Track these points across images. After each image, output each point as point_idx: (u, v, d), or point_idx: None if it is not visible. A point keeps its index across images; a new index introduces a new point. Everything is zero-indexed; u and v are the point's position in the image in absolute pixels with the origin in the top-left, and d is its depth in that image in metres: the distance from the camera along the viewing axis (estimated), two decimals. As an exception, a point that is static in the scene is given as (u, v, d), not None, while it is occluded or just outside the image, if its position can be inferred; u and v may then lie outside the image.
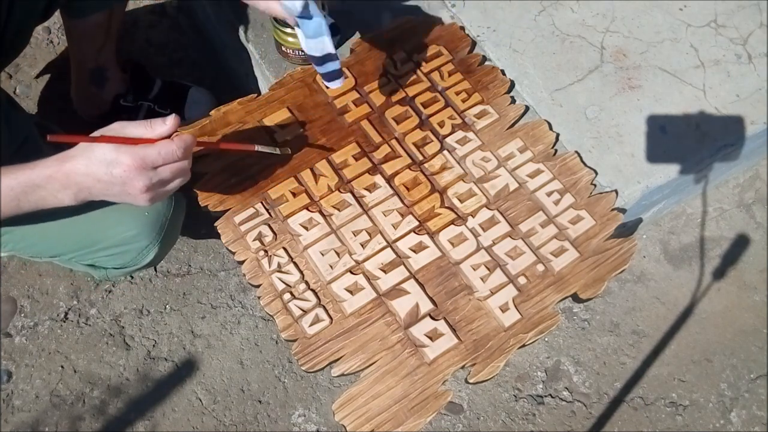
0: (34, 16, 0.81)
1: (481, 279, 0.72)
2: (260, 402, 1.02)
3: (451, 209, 0.76)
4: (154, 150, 0.56)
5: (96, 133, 0.58)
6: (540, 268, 0.73)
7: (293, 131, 0.80)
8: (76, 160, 0.56)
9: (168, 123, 0.57)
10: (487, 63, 0.88)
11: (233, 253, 0.74)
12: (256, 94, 0.83)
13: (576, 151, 0.82)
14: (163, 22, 1.29)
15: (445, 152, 0.80)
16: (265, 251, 0.73)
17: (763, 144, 1.04)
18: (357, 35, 0.88)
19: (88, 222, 0.75)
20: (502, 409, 1.04)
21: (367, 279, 0.71)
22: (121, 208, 0.75)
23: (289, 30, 0.80)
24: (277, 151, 0.71)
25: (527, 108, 0.85)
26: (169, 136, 0.58)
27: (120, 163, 0.55)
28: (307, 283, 0.72)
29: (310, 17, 0.66)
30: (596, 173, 0.80)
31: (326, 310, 0.70)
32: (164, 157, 0.57)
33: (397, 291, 0.71)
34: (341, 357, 0.68)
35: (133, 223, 0.76)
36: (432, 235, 0.75)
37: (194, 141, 0.60)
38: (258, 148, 0.68)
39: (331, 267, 0.72)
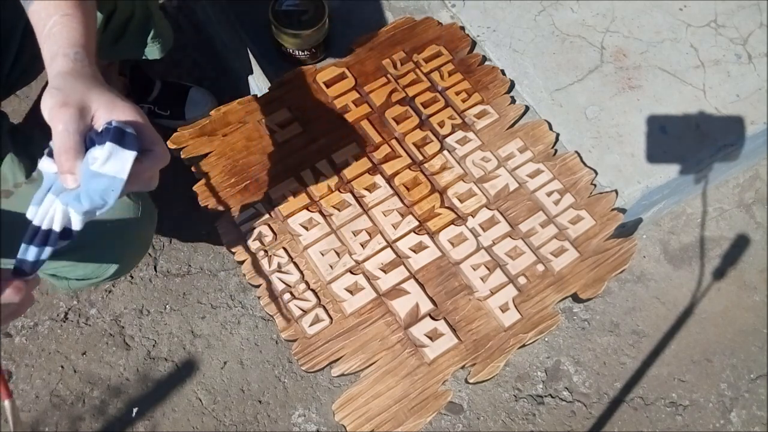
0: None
1: (481, 279, 0.72)
2: (260, 402, 1.02)
3: (451, 209, 0.76)
4: None
5: None
6: (540, 268, 0.73)
7: (293, 131, 0.80)
8: None
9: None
10: (487, 63, 0.88)
11: (233, 253, 0.74)
12: (256, 94, 0.83)
13: (576, 151, 0.82)
14: (163, 22, 1.29)
15: (445, 152, 0.80)
16: (265, 251, 0.73)
17: (763, 144, 1.04)
18: (357, 35, 0.88)
19: None
20: (502, 409, 1.04)
21: (367, 279, 0.71)
22: None
23: (290, 31, 0.80)
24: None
25: (527, 108, 0.85)
26: None
27: None
28: (307, 283, 0.72)
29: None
30: (596, 173, 0.80)
31: (326, 310, 0.70)
32: None
33: (397, 291, 0.71)
34: (341, 357, 0.68)
35: (94, 233, 0.70)
36: (432, 235, 0.75)
37: None
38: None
39: (331, 267, 0.72)
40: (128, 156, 0.44)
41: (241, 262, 0.73)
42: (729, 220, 1.19)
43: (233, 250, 0.74)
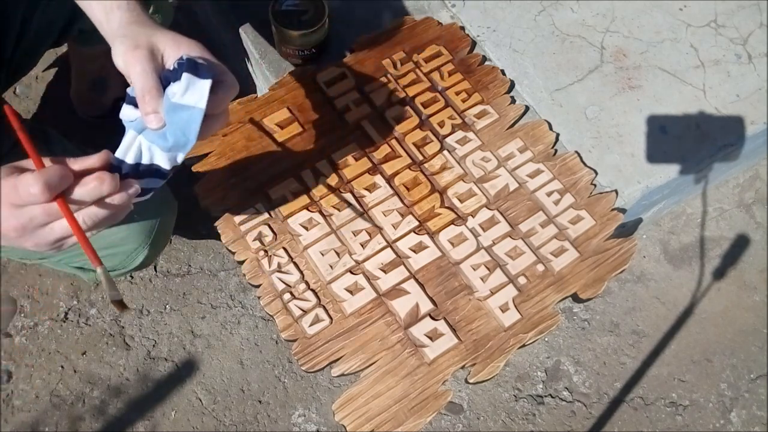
0: (46, 43, 0.81)
1: (481, 279, 0.72)
2: (260, 402, 1.02)
3: (451, 209, 0.76)
4: (9, 183, 0.42)
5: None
6: (540, 268, 0.73)
7: (293, 131, 0.80)
8: None
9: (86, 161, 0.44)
10: (487, 63, 0.88)
11: (233, 253, 0.74)
12: (256, 94, 0.83)
13: (576, 151, 0.82)
14: (163, 22, 1.29)
15: (445, 152, 0.80)
16: (265, 251, 0.73)
17: (763, 144, 1.04)
18: (357, 35, 0.88)
19: None
20: (502, 409, 1.04)
21: (367, 279, 0.71)
22: None
23: (290, 31, 0.80)
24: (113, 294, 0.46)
25: (527, 108, 0.85)
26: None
27: None
28: (307, 283, 0.72)
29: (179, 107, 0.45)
30: (596, 173, 0.80)
31: (326, 310, 0.70)
32: (22, 195, 0.42)
33: (397, 291, 0.71)
34: (341, 357, 0.68)
35: (122, 226, 0.74)
36: (432, 235, 0.75)
37: (61, 179, 0.42)
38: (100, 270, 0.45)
39: (331, 267, 0.72)
40: (204, 84, 0.46)
41: (241, 262, 0.73)
42: (729, 220, 1.19)
43: (233, 250, 0.74)
